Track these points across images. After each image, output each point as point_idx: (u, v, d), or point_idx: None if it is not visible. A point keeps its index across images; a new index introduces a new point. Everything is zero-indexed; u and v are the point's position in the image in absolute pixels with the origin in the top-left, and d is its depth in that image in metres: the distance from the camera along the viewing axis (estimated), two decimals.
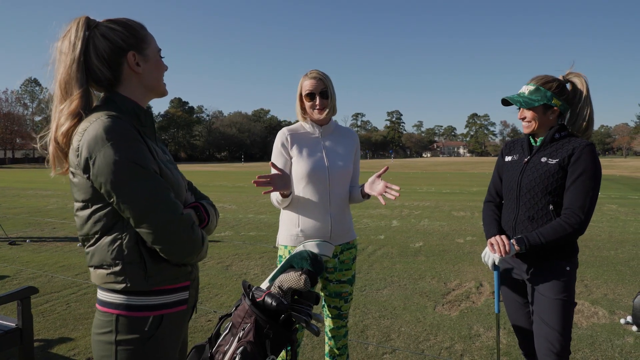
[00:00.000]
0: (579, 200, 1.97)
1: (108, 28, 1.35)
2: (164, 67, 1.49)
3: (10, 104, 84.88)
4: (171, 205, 1.28)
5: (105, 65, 1.34)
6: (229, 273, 5.64)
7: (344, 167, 2.38)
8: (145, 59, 1.41)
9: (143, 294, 1.31)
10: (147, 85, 1.43)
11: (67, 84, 1.31)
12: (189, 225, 1.31)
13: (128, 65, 1.37)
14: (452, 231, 8.54)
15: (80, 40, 1.31)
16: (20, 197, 16.32)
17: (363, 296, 4.68)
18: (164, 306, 1.35)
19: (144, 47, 1.41)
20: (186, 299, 1.43)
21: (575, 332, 3.70)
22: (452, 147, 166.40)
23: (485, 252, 2.16)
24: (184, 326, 1.47)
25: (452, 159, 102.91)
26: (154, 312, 1.33)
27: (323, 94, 2.32)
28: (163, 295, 1.35)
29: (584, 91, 2.10)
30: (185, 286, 1.43)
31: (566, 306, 2.03)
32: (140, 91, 1.42)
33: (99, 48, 1.33)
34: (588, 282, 5.10)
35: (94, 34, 1.34)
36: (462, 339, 3.58)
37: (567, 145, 2.04)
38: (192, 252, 1.34)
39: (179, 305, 1.40)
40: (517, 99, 2.11)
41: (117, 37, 1.35)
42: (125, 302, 1.30)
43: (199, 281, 1.56)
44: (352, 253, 2.47)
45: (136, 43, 1.39)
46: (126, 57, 1.36)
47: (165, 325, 1.35)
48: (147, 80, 1.42)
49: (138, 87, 1.41)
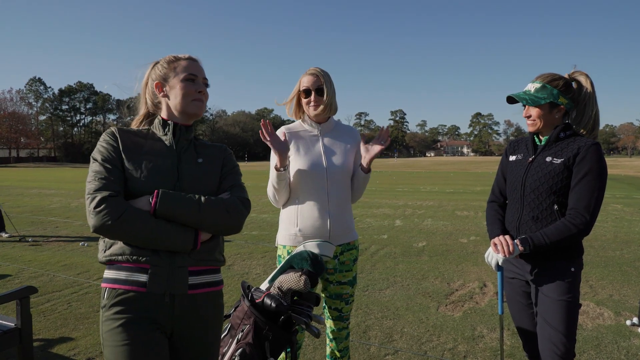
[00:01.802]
0: (584, 200, 1.93)
1: (161, 65, 1.69)
2: (191, 91, 1.68)
3: (15, 103, 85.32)
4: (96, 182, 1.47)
5: (151, 94, 1.72)
6: (231, 273, 5.61)
7: (343, 165, 2.34)
8: (171, 87, 1.67)
9: (106, 268, 1.51)
10: (175, 107, 1.68)
11: (140, 105, 1.81)
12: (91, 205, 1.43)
13: (162, 93, 1.70)
14: (456, 231, 8.49)
15: (146, 78, 1.75)
16: (24, 196, 16.36)
17: (365, 296, 4.64)
18: (114, 281, 1.47)
19: (170, 78, 1.68)
20: (144, 282, 1.47)
21: (581, 333, 3.65)
22: (455, 146, 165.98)
23: (489, 253, 2.13)
24: (145, 310, 1.47)
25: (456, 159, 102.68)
26: (106, 285, 1.49)
27: (318, 90, 2.30)
28: (115, 271, 1.48)
29: (590, 89, 2.06)
30: (142, 268, 1.48)
31: (570, 307, 1.99)
32: (171, 113, 1.70)
33: (153, 79, 1.70)
34: (593, 283, 5.05)
35: (152, 71, 1.73)
36: (466, 340, 3.54)
37: (573, 144, 2.00)
38: (97, 231, 1.44)
39: (133, 285, 1.46)
40: (524, 97, 2.07)
41: (159, 71, 1.71)
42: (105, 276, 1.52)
43: (174, 273, 1.51)
44: (353, 254, 2.42)
45: (167, 74, 1.69)
46: (160, 87, 1.70)
47: (113, 299, 1.46)
48: (173, 104, 1.68)
49: (170, 110, 1.70)
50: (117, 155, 1.54)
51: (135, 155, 1.56)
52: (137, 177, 1.51)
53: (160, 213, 1.46)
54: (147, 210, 1.46)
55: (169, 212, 1.47)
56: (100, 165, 1.49)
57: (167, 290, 1.49)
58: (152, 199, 1.47)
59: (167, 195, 1.48)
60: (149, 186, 1.51)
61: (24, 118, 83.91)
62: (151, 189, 1.49)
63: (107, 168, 1.49)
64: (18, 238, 7.59)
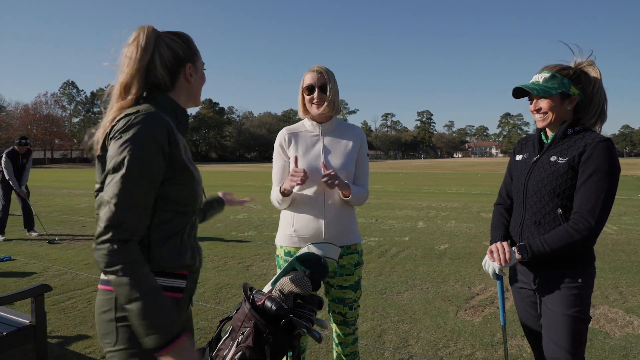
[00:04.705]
0: (589, 203, 1.75)
1: (171, 39, 1.49)
2: (205, 80, 1.63)
3: (50, 106, 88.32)
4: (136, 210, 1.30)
5: (166, 72, 1.47)
6: (249, 273, 5.61)
7: (341, 165, 2.26)
8: (196, 71, 1.55)
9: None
10: (191, 95, 1.57)
11: (128, 85, 1.42)
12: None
13: (184, 75, 1.51)
14: (480, 233, 8.28)
15: (151, 47, 1.43)
16: (55, 195, 16.86)
17: (383, 299, 4.55)
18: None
19: (196, 60, 1.55)
20: (182, 288, 1.45)
21: (608, 342, 3.48)
22: (484, 147, 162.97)
23: (485, 260, 1.99)
24: (178, 315, 1.46)
25: (484, 160, 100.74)
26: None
27: (322, 87, 2.25)
28: (158, 278, 1.36)
29: (598, 78, 1.90)
30: (182, 275, 1.45)
31: (577, 323, 1.82)
32: (184, 99, 1.55)
33: (164, 56, 1.46)
34: (623, 289, 4.82)
35: (159, 42, 1.46)
36: (484, 347, 3.42)
37: (580, 142, 1.83)
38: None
39: (174, 292, 1.42)
40: (533, 87, 1.90)
41: (179, 49, 1.49)
42: None
43: (198, 275, 1.58)
44: (354, 258, 2.32)
45: (192, 56, 1.53)
46: (184, 67, 1.50)
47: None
48: (193, 91, 1.57)
49: (184, 95, 1.55)
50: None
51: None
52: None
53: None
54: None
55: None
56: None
57: (192, 294, 1.58)
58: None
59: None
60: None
61: (58, 120, 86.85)
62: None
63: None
64: (47, 240, 7.76)
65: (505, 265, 1.86)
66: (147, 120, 1.31)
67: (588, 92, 1.92)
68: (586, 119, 1.94)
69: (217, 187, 20.74)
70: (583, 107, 1.95)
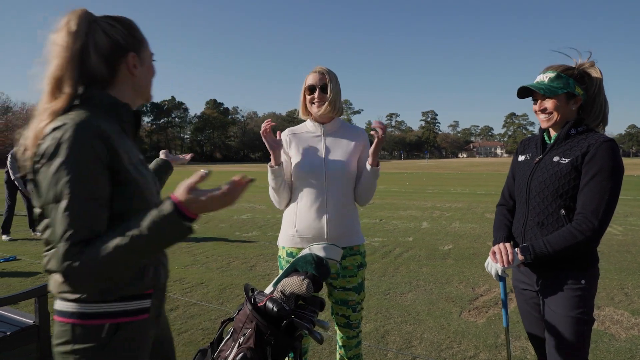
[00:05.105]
0: (593, 203, 1.73)
1: (109, 25, 1.29)
2: (155, 72, 1.44)
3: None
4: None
5: (104, 62, 1.27)
6: (253, 274, 5.61)
7: (343, 166, 2.27)
8: (142, 62, 1.36)
9: (98, 301, 1.23)
10: (138, 89, 1.38)
11: (59, 79, 1.21)
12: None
13: (126, 66, 1.31)
14: (484, 234, 8.25)
15: (81, 34, 1.23)
16: None
17: (386, 300, 4.54)
18: (121, 314, 1.26)
19: (141, 50, 1.36)
20: (148, 308, 1.33)
21: (613, 344, 3.45)
22: (489, 147, 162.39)
23: (488, 262, 1.98)
24: (147, 336, 1.36)
25: (489, 160, 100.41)
26: (110, 320, 1.24)
27: (323, 88, 2.26)
28: (120, 302, 1.25)
29: (600, 79, 1.89)
30: (147, 294, 1.33)
31: (580, 324, 1.80)
32: (129, 94, 1.36)
33: (100, 44, 1.26)
34: (629, 291, 4.78)
35: (95, 28, 1.26)
36: (488, 348, 3.40)
37: (583, 142, 1.82)
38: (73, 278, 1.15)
39: (140, 314, 1.30)
40: (539, 87, 1.88)
41: (119, 36, 1.29)
42: (79, 310, 1.22)
43: (165, 289, 1.47)
44: (357, 260, 2.31)
45: (135, 44, 1.34)
46: (126, 57, 1.31)
47: (123, 333, 1.26)
48: (140, 84, 1.38)
49: (129, 90, 1.36)
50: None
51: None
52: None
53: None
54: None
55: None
56: None
57: (161, 310, 1.46)
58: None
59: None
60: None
61: None
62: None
63: None
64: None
65: (508, 266, 1.85)
66: (78, 134, 1.13)
67: (590, 93, 1.91)
68: (589, 119, 1.93)
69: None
70: (586, 108, 1.94)
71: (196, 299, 4.56)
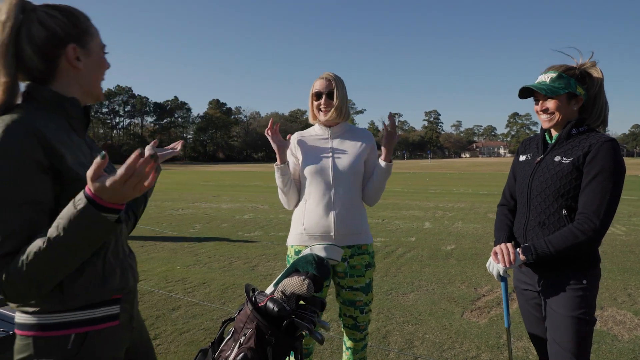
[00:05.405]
0: (594, 203, 1.73)
1: (46, 14, 1.18)
2: (106, 66, 1.33)
3: None
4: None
5: (38, 55, 1.17)
6: (255, 274, 5.61)
7: (350, 165, 2.32)
8: (87, 53, 1.25)
9: (61, 310, 1.15)
10: (84, 84, 1.27)
11: None
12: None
13: (66, 59, 1.20)
14: (487, 234, 8.23)
15: (12, 23, 1.12)
16: None
17: (388, 300, 4.54)
18: (88, 322, 1.19)
19: (87, 41, 1.24)
20: (117, 314, 1.26)
21: (616, 345, 3.44)
22: (492, 147, 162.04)
23: (490, 262, 1.98)
24: (119, 343, 1.30)
25: (492, 159, 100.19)
26: (76, 330, 1.17)
27: (329, 94, 2.32)
28: (86, 310, 1.18)
29: (601, 79, 1.88)
30: (115, 299, 1.26)
31: (582, 325, 1.80)
32: (75, 90, 1.25)
33: (35, 36, 1.15)
34: (632, 291, 4.76)
35: (29, 18, 1.15)
36: (490, 349, 3.39)
37: (585, 142, 1.81)
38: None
39: (109, 321, 1.24)
40: (541, 87, 1.89)
41: (57, 26, 1.18)
42: (40, 322, 1.14)
43: (135, 294, 1.40)
44: (365, 259, 2.34)
45: (78, 35, 1.22)
46: (65, 49, 1.19)
47: (91, 343, 1.19)
48: (86, 79, 1.26)
49: (74, 85, 1.25)
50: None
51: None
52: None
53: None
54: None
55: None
56: None
57: (133, 315, 1.38)
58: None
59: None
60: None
61: None
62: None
63: None
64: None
65: (510, 266, 1.85)
66: (6, 136, 1.05)
67: (591, 93, 1.91)
68: (590, 119, 1.92)
69: (224, 188, 20.82)
70: (587, 108, 1.93)
71: (198, 299, 4.57)
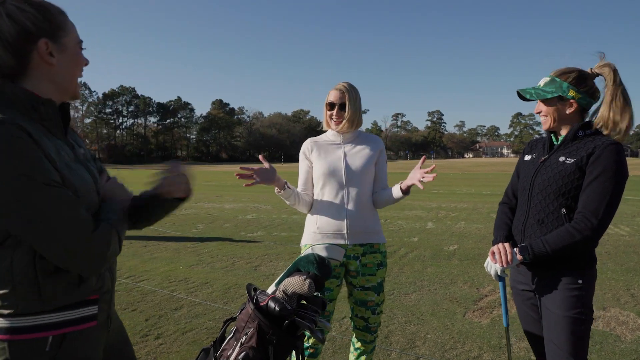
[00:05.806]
0: (594, 203, 1.73)
1: (17, 7, 1.12)
2: (84, 62, 1.28)
3: None
4: (79, 223, 1.10)
5: (8, 51, 1.12)
6: (257, 274, 5.63)
7: (362, 167, 2.39)
8: (61, 49, 1.19)
9: (37, 312, 1.13)
10: (57, 82, 1.21)
11: None
12: (105, 242, 1.15)
13: (38, 55, 1.15)
14: (490, 234, 8.21)
15: None
16: None
17: (390, 300, 4.54)
18: (66, 323, 1.17)
19: (60, 35, 1.19)
20: (95, 315, 1.25)
21: (618, 345, 3.43)
22: (495, 147, 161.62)
23: (488, 262, 1.99)
24: (97, 343, 1.28)
25: (495, 160, 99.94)
26: (54, 332, 1.14)
27: (342, 106, 2.37)
28: (63, 312, 1.16)
29: (611, 82, 1.84)
30: (92, 300, 1.24)
31: (578, 324, 1.80)
32: (48, 87, 1.19)
33: (3, 30, 1.10)
34: (635, 292, 4.75)
35: None
36: (492, 349, 3.39)
37: (590, 144, 1.81)
38: (102, 266, 1.18)
39: (86, 322, 1.22)
40: (529, 90, 1.93)
41: (28, 20, 1.13)
42: (15, 325, 1.11)
43: (112, 294, 1.38)
44: (377, 258, 2.39)
45: (51, 30, 1.17)
46: (37, 45, 1.14)
47: (69, 344, 1.18)
48: (59, 76, 1.20)
49: (46, 83, 1.19)
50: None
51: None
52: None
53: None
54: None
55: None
56: None
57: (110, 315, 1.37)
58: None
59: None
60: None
61: (70, 121, 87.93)
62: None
63: None
64: None
65: (507, 266, 1.86)
66: (6, 135, 1.02)
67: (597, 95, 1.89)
68: (601, 123, 1.86)
69: (226, 187, 20.87)
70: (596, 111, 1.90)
71: (201, 299, 4.59)
